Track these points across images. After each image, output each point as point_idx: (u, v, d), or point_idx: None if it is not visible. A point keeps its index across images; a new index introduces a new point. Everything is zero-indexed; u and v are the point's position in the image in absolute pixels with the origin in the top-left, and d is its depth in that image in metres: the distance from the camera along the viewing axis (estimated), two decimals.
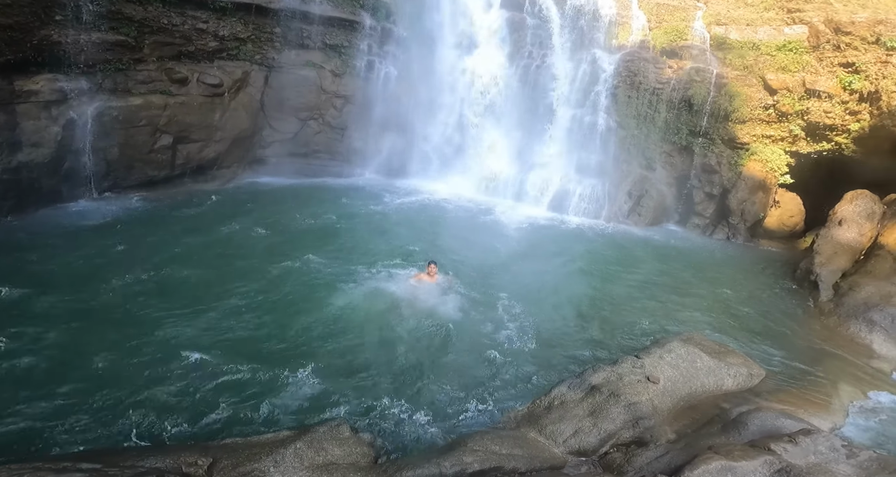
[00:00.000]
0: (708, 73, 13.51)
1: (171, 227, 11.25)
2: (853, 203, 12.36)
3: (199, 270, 9.15)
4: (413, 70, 16.26)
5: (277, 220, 12.18)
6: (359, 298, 8.74)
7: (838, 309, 10.17)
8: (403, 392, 6.79)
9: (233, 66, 14.50)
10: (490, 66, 15.86)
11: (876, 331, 9.17)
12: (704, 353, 7.35)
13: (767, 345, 8.82)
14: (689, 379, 6.87)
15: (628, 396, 6.17)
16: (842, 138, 13.26)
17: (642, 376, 6.68)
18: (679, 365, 7.01)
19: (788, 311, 10.45)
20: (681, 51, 13.84)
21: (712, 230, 14.76)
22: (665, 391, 6.52)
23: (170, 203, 12.83)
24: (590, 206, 14.99)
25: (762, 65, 13.29)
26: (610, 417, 5.96)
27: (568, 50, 14.82)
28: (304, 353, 7.23)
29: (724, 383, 7.04)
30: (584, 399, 6.50)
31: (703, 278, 11.69)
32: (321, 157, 16.38)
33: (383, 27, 15.71)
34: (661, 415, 6.22)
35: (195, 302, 8.13)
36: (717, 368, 7.14)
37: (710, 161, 14.32)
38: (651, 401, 6.21)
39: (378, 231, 12.16)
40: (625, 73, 14.15)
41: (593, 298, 9.92)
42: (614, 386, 6.46)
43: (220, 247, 10.37)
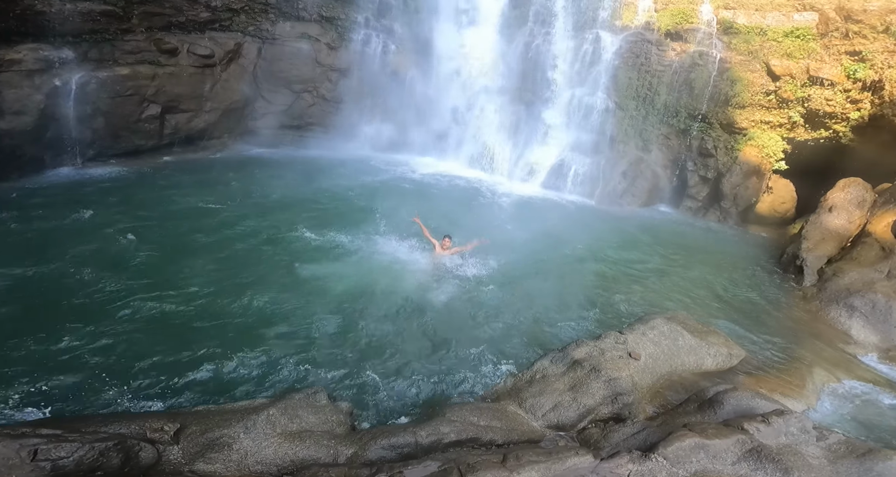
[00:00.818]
0: (711, 57, 13.14)
1: (151, 194, 11.08)
2: (845, 190, 12.22)
3: (171, 241, 8.98)
4: (411, 44, 15.80)
5: (264, 190, 12.06)
6: (348, 271, 8.63)
7: (821, 294, 10.13)
8: (389, 366, 6.74)
9: (225, 38, 14.04)
10: (490, 43, 15.41)
11: (855, 317, 9.16)
12: (687, 331, 7.32)
13: (749, 327, 8.81)
14: (669, 357, 6.85)
15: (609, 372, 6.14)
16: (840, 126, 13.03)
17: (624, 352, 6.65)
18: (661, 342, 6.98)
19: (772, 295, 10.43)
20: (686, 34, 13.41)
21: (704, 213, 14.65)
22: (646, 368, 6.50)
23: (155, 172, 12.62)
24: (584, 185, 14.81)
25: (767, 50, 12.92)
26: (590, 392, 5.93)
27: (570, 29, 14.36)
28: (279, 325, 7.11)
29: (705, 362, 7.03)
30: (565, 373, 6.47)
31: (692, 260, 11.63)
32: (314, 130, 16.06)
33: (382, 0, 15.18)
34: (641, 391, 6.20)
35: (158, 273, 7.91)
36: (698, 347, 7.12)
37: (707, 145, 14.10)
38: (631, 377, 6.19)
39: (368, 204, 11.95)
40: (627, 55, 13.76)
41: (583, 276, 9.88)
42: (596, 361, 6.42)
43: (197, 217, 10.13)
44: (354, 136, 16.55)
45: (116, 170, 12.57)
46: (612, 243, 11.93)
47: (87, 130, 12.27)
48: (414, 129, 16.82)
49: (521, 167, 15.69)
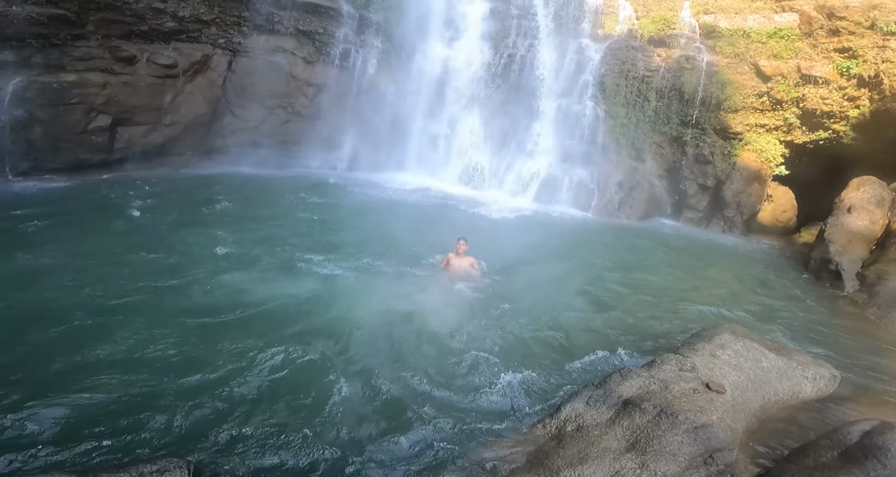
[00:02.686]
0: (698, 61, 11.78)
1: (87, 214, 8.44)
2: (860, 189, 10.46)
3: (108, 266, 6.43)
4: (392, 59, 14.14)
5: (224, 212, 9.39)
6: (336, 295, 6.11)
7: (874, 300, 8.07)
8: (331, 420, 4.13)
9: (191, 49, 12.07)
10: (473, 56, 13.91)
11: None
12: (767, 349, 4.93)
13: (810, 341, 6.60)
14: (758, 385, 4.47)
15: (689, 416, 3.69)
16: (840, 126, 11.51)
17: (697, 383, 4.22)
18: (742, 366, 4.60)
19: (816, 304, 8.29)
20: (669, 39, 12.13)
21: (707, 224, 12.71)
22: (735, 404, 4.07)
23: (97, 188, 10.03)
24: (578, 197, 12.81)
25: (754, 52, 11.64)
26: (666, 451, 3.45)
27: (554, 39, 13.03)
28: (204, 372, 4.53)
29: (802, 389, 4.67)
30: (614, 421, 3.99)
31: (711, 272, 9.53)
32: (289, 148, 13.85)
33: (362, 15, 13.61)
34: (738, 441, 3.71)
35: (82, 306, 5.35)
36: (789, 368, 4.77)
37: (703, 151, 12.38)
38: (723, 420, 3.70)
39: (347, 224, 9.45)
40: (612, 62, 12.33)
41: (592, 294, 7.55)
42: (661, 400, 3.97)
43: (135, 238, 7.50)
44: (332, 154, 14.43)
45: (51, 185, 9.98)
46: (618, 257, 9.72)
47: (20, 141, 9.90)
48: (396, 146, 14.85)
49: (511, 181, 13.69)
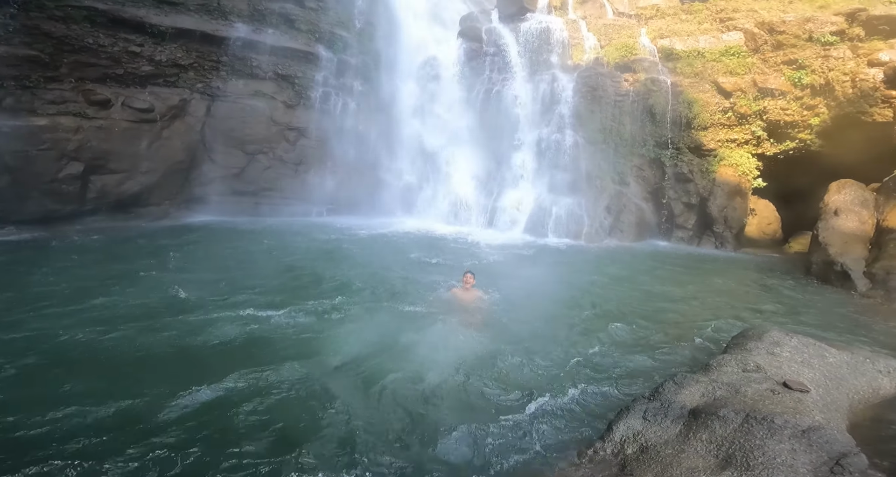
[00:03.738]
0: (663, 83, 12.24)
1: (51, 273, 7.27)
2: (842, 192, 10.51)
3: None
4: (373, 102, 14.18)
5: (204, 267, 7.95)
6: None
7: (892, 294, 7.64)
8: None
9: (168, 93, 11.76)
10: (451, 95, 14.09)
11: None
12: (825, 344, 4.28)
13: (845, 340, 5.86)
14: (837, 382, 3.74)
15: (786, 418, 2.91)
16: (805, 134, 11.87)
17: (772, 383, 3.48)
18: (810, 362, 3.90)
19: (833, 304, 7.77)
20: (633, 64, 12.65)
21: (698, 241, 12.45)
22: (827, 404, 3.31)
23: (62, 242, 8.92)
24: (569, 226, 12.43)
25: (711, 70, 12.23)
26: (778, 462, 2.65)
27: (526, 73, 13.42)
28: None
29: (881, 384, 3.96)
30: (687, 436, 3.19)
31: (720, 283, 8.96)
32: (272, 196, 13.23)
33: (340, 59, 13.81)
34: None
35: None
36: (859, 363, 4.09)
37: (682, 170, 12.47)
38: (829, 422, 2.94)
39: (334, 269, 8.08)
40: (584, 89, 12.66)
41: (602, 313, 6.65)
42: (738, 404, 3.22)
43: (79, 304, 6.20)
44: (317, 200, 13.88)
45: (13, 239, 8.91)
46: (621, 279, 8.85)
47: None
48: (382, 189, 14.47)
49: (499, 216, 13.34)
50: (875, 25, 11.27)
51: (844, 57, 11.20)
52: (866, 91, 10.72)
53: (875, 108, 10.73)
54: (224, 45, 12.14)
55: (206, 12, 11.93)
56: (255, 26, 12.48)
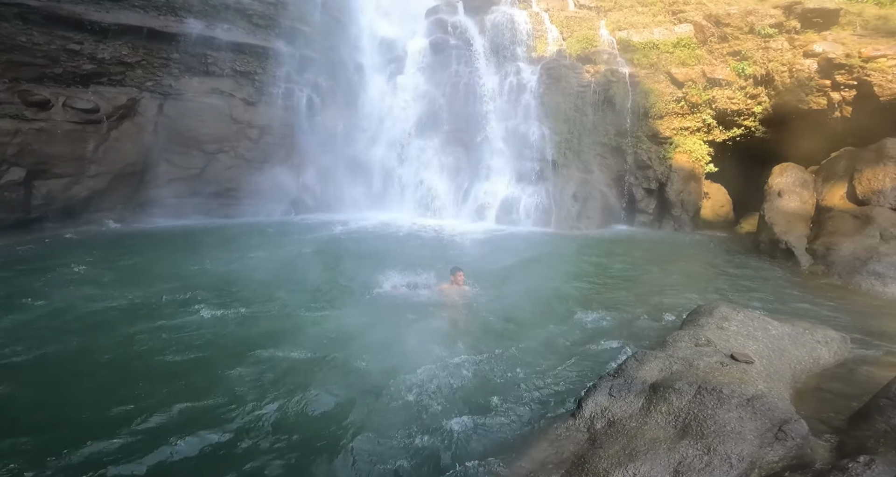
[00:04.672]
0: (622, 74, 12.62)
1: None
2: (784, 175, 11.25)
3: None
4: (338, 97, 13.86)
5: (159, 271, 7.54)
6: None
7: (832, 269, 8.32)
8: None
9: (115, 92, 11.05)
10: (418, 88, 13.96)
11: (890, 283, 7.33)
12: (769, 317, 4.64)
13: (794, 312, 6.38)
14: (780, 353, 4.08)
15: (733, 388, 3.15)
16: (749, 122, 12.60)
17: (721, 356, 3.75)
18: (755, 335, 4.23)
19: (779, 279, 8.42)
20: (594, 56, 12.97)
21: (659, 225, 13.08)
22: (770, 374, 3.62)
23: (9, 254, 8.29)
24: (538, 214, 12.74)
25: (665, 62, 12.73)
26: (728, 429, 2.88)
27: (493, 65, 13.50)
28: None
29: (820, 354, 4.34)
30: (649, 409, 3.42)
31: (679, 264, 9.54)
32: (235, 196, 12.78)
33: (302, 55, 13.36)
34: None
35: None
36: (800, 334, 4.46)
37: (642, 157, 13.00)
38: (771, 390, 3.21)
39: (307, 269, 7.87)
40: (549, 81, 12.90)
41: (576, 296, 7.03)
42: (691, 377, 3.47)
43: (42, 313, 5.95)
44: (284, 198, 13.50)
45: None
46: (588, 264, 9.28)
47: None
48: (351, 184, 14.25)
49: (470, 207, 13.47)
50: (810, 18, 12.02)
51: (782, 48, 11.91)
52: (802, 81, 11.45)
53: (811, 97, 11.49)
54: (175, 41, 11.48)
55: (154, 8, 11.23)
56: (209, 22, 11.86)
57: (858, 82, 10.83)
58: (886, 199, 8.89)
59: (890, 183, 9.04)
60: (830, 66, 11.09)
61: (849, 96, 11.13)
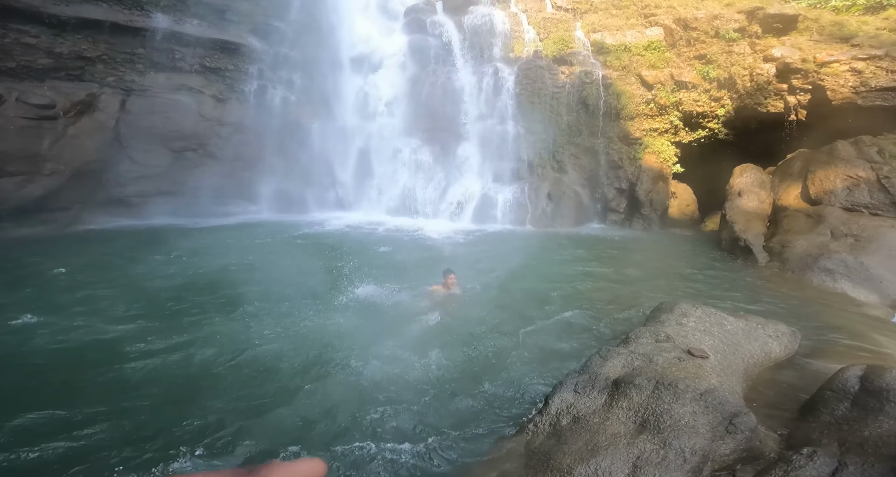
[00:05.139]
0: (595, 76, 12.89)
1: None
2: (744, 176, 11.78)
3: None
4: (314, 95, 13.61)
5: (85, 279, 6.89)
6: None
7: (787, 265, 8.75)
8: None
9: (73, 88, 10.50)
10: (396, 87, 13.87)
11: (839, 278, 7.72)
12: (725, 313, 4.88)
13: (751, 307, 6.71)
14: (734, 348, 4.27)
15: (687, 383, 3.30)
16: (713, 124, 13.10)
17: (679, 352, 3.91)
18: (711, 331, 4.42)
19: (738, 275, 8.82)
20: (569, 57, 13.20)
21: (629, 223, 13.45)
22: (724, 368, 3.79)
23: None
24: (514, 212, 12.90)
25: (636, 64, 13.04)
26: (682, 424, 3.01)
27: (470, 65, 13.54)
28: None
29: (772, 348, 4.57)
30: (611, 404, 3.53)
31: (648, 261, 9.88)
32: (206, 195, 12.39)
33: (277, 51, 13.04)
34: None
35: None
36: (753, 329, 4.68)
37: (614, 158, 13.33)
38: (723, 384, 3.39)
39: (276, 273, 7.61)
40: (525, 82, 13.06)
41: (545, 295, 7.18)
42: (650, 372, 3.60)
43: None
44: (256, 197, 13.19)
45: None
46: (560, 261, 9.55)
47: None
48: (327, 183, 14.04)
49: (447, 206, 13.49)
50: (770, 23, 12.58)
51: (744, 52, 12.43)
52: (762, 84, 12.00)
53: (769, 100, 12.06)
54: (141, 36, 10.99)
55: (118, 2, 10.73)
56: (178, 17, 11.40)
57: (813, 86, 11.41)
58: (837, 198, 9.43)
59: (841, 183, 9.60)
60: (788, 71, 11.65)
61: (804, 100, 11.73)
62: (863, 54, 10.87)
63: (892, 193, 9.10)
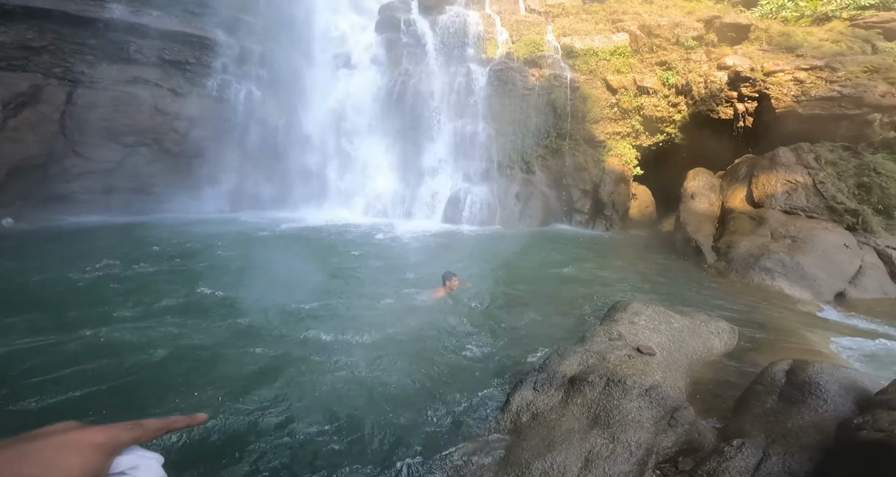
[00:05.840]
0: (564, 79, 13.24)
1: None
2: (696, 179, 12.48)
3: None
4: (281, 92, 13.25)
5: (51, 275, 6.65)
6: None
7: (731, 265, 9.37)
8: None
9: (14, 78, 9.76)
10: (367, 86, 13.71)
11: (777, 277, 8.34)
12: (673, 311, 5.22)
13: (697, 304, 7.19)
14: (679, 344, 4.58)
15: (635, 379, 3.53)
16: (671, 129, 13.76)
17: (629, 349, 4.16)
18: (659, 328, 4.71)
19: (689, 274, 9.37)
20: (540, 60, 13.48)
21: (593, 224, 13.96)
22: (669, 364, 4.06)
23: None
24: (483, 212, 13.10)
25: (602, 68, 13.48)
26: (630, 419, 3.21)
27: (443, 65, 13.58)
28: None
29: (713, 344, 4.91)
30: (567, 401, 3.69)
31: (608, 260, 10.25)
32: (162, 192, 11.85)
33: (243, 46, 12.60)
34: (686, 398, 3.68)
35: None
36: (697, 326, 5.02)
37: (579, 160, 13.77)
38: (666, 380, 3.65)
39: (230, 271, 7.29)
40: (496, 83, 13.24)
41: (512, 294, 7.39)
42: (603, 369, 3.80)
43: None
44: (217, 195, 12.72)
45: None
46: (522, 261, 9.77)
47: None
48: (293, 181, 13.73)
49: (417, 205, 13.53)
50: (725, 32, 13.32)
51: (700, 60, 13.12)
52: (714, 91, 12.73)
53: (721, 107, 12.82)
54: (93, 27, 10.33)
55: None
56: (136, 8, 10.78)
57: (760, 95, 12.21)
58: (777, 202, 10.19)
59: (781, 188, 10.38)
60: (738, 79, 12.39)
61: (751, 107, 12.55)
62: (805, 64, 11.67)
63: (827, 198, 9.94)
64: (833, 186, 9.96)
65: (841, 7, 13.75)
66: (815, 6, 13.93)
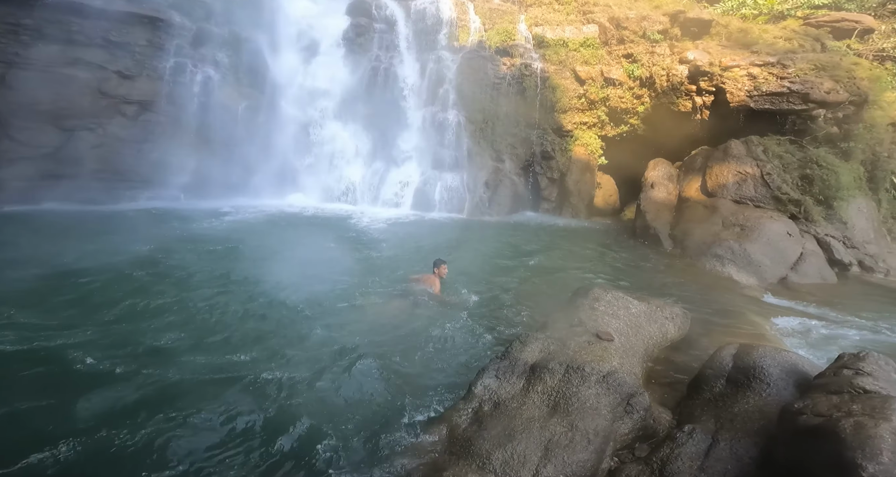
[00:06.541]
0: (534, 69, 13.21)
1: None
2: (656, 169, 12.86)
3: None
4: (242, 75, 12.49)
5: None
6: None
7: (685, 252, 9.78)
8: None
9: None
10: (335, 71, 13.13)
11: (726, 263, 8.76)
12: (631, 297, 5.36)
13: (651, 290, 7.45)
14: (636, 330, 4.70)
15: (593, 366, 3.59)
16: (634, 120, 14.04)
17: (589, 335, 4.23)
18: (618, 314, 4.82)
19: (647, 260, 9.69)
20: (511, 49, 13.38)
21: (559, 212, 14.20)
22: (626, 350, 4.16)
23: None
24: (452, 201, 13.01)
25: (572, 59, 13.53)
26: (588, 406, 3.26)
27: (414, 52, 13.20)
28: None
29: (668, 330, 5.08)
30: (528, 389, 3.72)
31: (573, 247, 10.45)
32: (108, 179, 10.99)
33: (200, 28, 11.71)
34: (641, 384, 3.78)
35: None
36: (653, 312, 5.16)
37: (547, 149, 13.87)
38: (623, 366, 3.73)
39: (177, 272, 6.57)
40: (468, 71, 13.07)
41: (480, 281, 7.37)
42: (563, 356, 3.84)
43: None
44: (171, 182, 11.92)
45: None
46: (487, 249, 9.77)
47: None
48: (256, 168, 13.07)
49: (385, 193, 13.24)
50: (688, 27, 13.59)
51: (664, 54, 13.36)
52: (676, 85, 13.05)
53: (681, 100, 13.17)
54: (28, 6, 9.30)
55: None
56: None
57: (716, 89, 12.60)
58: (728, 192, 10.66)
59: (732, 178, 10.84)
60: (697, 73, 12.73)
61: (708, 101, 12.96)
62: (759, 60, 12.07)
63: (773, 188, 10.49)
64: (779, 178, 10.51)
65: (796, 6, 14.31)
66: (772, 4, 14.43)
